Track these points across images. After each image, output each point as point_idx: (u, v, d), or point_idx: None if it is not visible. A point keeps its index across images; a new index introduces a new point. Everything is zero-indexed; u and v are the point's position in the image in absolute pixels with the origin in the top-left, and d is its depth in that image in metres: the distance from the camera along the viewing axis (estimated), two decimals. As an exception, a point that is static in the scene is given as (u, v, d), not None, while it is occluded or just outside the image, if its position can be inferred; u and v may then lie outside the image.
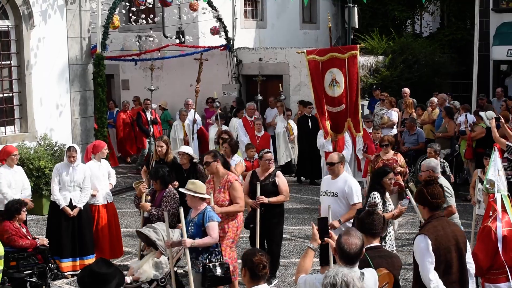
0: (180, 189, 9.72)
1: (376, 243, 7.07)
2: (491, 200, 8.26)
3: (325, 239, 6.86)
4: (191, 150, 12.64)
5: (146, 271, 10.42)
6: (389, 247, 9.88)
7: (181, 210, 9.38)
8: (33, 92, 16.37)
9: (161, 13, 23.10)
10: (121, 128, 21.90)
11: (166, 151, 12.58)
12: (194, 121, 19.64)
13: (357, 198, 10.16)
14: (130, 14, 22.45)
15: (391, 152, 13.67)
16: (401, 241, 13.70)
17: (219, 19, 22.47)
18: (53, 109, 16.95)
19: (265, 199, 10.96)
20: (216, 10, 22.17)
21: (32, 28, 16.22)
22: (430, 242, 7.12)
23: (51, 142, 16.14)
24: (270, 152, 11.74)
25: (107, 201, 13.03)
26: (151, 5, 21.15)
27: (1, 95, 16.08)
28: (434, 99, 19.84)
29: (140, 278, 10.41)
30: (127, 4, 21.15)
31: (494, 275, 7.93)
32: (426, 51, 24.94)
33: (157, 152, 12.68)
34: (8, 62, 16.17)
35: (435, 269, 7.12)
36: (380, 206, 10.05)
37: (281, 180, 11.33)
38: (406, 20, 30.45)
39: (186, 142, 19.30)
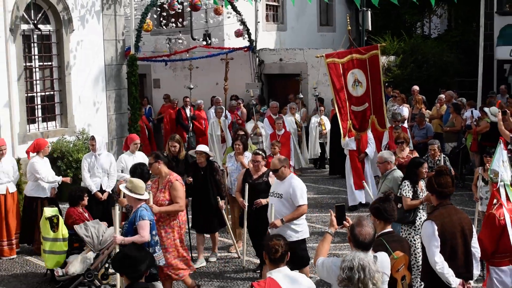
0: (120, 186, 9.26)
1: (389, 228, 7.05)
2: (494, 189, 8.21)
3: (343, 223, 6.89)
4: (207, 148, 12.31)
5: (74, 265, 10.27)
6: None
7: (116, 209, 9.26)
8: (72, 90, 16.45)
9: (190, 17, 23.19)
10: (167, 124, 21.86)
11: (179, 149, 12.62)
12: (225, 117, 19.40)
13: (302, 199, 9.63)
14: (161, 19, 22.57)
15: (407, 149, 13.01)
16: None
17: (243, 23, 22.51)
18: (90, 106, 17.03)
19: (263, 201, 10.38)
20: (240, 14, 22.24)
21: (71, 32, 16.29)
22: (436, 227, 7.15)
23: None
24: (259, 153, 11.10)
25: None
26: (180, 10, 21.23)
27: (43, 94, 16.19)
28: (442, 96, 19.79)
29: (68, 271, 10.25)
30: (158, 9, 21.24)
31: (498, 259, 7.91)
32: (434, 51, 24.87)
33: (170, 151, 12.59)
34: (50, 63, 16.26)
35: (441, 252, 7.15)
36: (409, 194, 9.92)
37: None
38: (416, 22, 30.38)
39: (223, 138, 19.24)
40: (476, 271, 7.48)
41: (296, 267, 8.89)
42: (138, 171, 10.06)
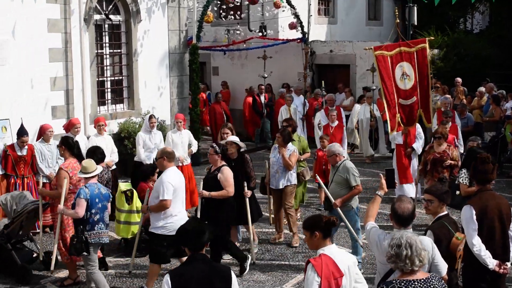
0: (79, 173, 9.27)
1: (445, 211, 7.03)
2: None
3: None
4: (238, 139, 11.15)
5: None
6: None
7: (65, 182, 9.48)
8: (139, 76, 16.62)
9: (247, 10, 23.18)
10: (246, 111, 21.95)
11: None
12: (304, 104, 18.70)
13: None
14: (221, 11, 22.60)
15: (444, 144, 12.24)
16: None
17: (296, 16, 22.43)
18: (155, 90, 17.19)
19: (205, 193, 9.86)
20: (294, 8, 22.16)
21: (139, 22, 16.44)
22: (474, 212, 7.09)
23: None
24: (213, 147, 10.23)
25: (182, 163, 13.47)
26: (238, 3, 21.28)
27: (112, 78, 16.39)
28: (482, 89, 19.54)
29: None
30: (218, 2, 21.31)
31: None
32: (476, 45, 24.55)
33: (222, 138, 11.70)
34: (119, 51, 16.45)
35: (479, 235, 7.08)
36: (466, 181, 9.72)
37: (224, 176, 9.87)
38: (459, 18, 29.96)
39: (296, 123, 18.31)
40: (514, 254, 7.40)
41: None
42: (97, 155, 10.14)
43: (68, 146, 10.12)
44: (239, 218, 10.76)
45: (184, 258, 9.07)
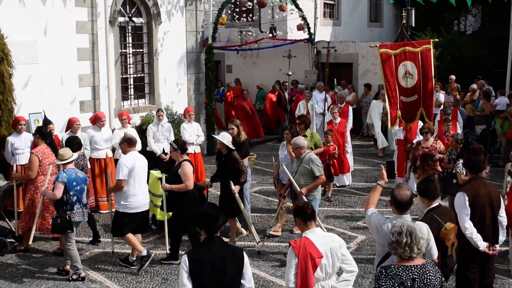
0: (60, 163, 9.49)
1: (436, 203, 6.92)
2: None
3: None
4: (226, 138, 10.52)
5: None
6: None
7: (50, 167, 9.92)
8: (159, 73, 16.62)
9: (258, 13, 23.21)
10: (268, 105, 21.66)
11: (238, 132, 11.37)
12: (325, 99, 17.99)
13: None
14: (234, 14, 22.61)
15: (431, 139, 11.71)
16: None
17: (304, 18, 22.41)
18: (174, 86, 17.19)
19: (167, 186, 9.71)
20: (301, 11, 22.15)
21: (160, 24, 16.42)
22: (467, 198, 7.09)
23: (172, 112, 16.38)
24: (172, 144, 10.04)
25: (194, 151, 13.84)
26: (250, 7, 21.30)
27: (135, 76, 16.40)
28: (474, 85, 19.48)
29: None
30: (232, 6, 21.30)
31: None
32: (469, 46, 24.50)
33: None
34: (141, 50, 16.44)
35: (471, 220, 7.09)
36: (463, 171, 9.64)
37: (183, 171, 9.64)
38: (453, 20, 29.83)
39: (309, 120, 17.72)
40: (502, 237, 7.38)
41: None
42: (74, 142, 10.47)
43: (42, 135, 10.56)
44: (230, 211, 10.33)
45: (139, 235, 9.96)
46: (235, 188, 10.29)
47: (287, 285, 5.96)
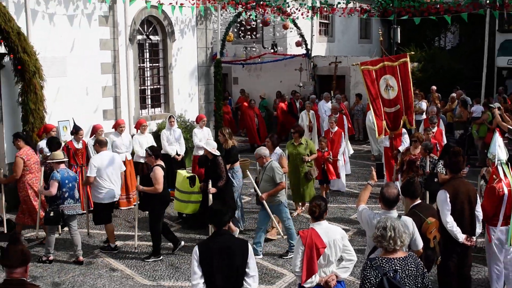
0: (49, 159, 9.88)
1: (418, 201, 6.88)
2: (493, 167, 8.01)
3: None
4: (210, 146, 10.33)
5: None
6: None
7: (42, 169, 10.17)
8: (173, 85, 16.63)
9: (261, 31, 23.22)
10: (280, 114, 21.33)
11: (225, 140, 11.22)
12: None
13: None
14: (240, 32, 22.62)
15: (420, 147, 11.13)
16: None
17: (302, 36, 22.40)
18: (186, 96, 17.20)
19: (140, 187, 9.67)
20: (299, 29, 22.13)
21: (174, 41, 16.44)
22: (448, 195, 7.11)
23: (185, 120, 16.39)
24: (147, 150, 9.90)
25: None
26: (254, 25, 21.32)
27: (152, 87, 16.41)
28: (454, 95, 19.45)
29: None
30: (238, 25, 21.32)
31: (496, 221, 7.74)
32: (448, 60, 24.47)
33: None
34: (157, 64, 16.46)
35: (451, 215, 7.09)
36: (443, 171, 9.61)
37: (154, 175, 9.49)
38: (434, 37, 29.80)
39: (310, 128, 17.08)
40: (478, 229, 7.38)
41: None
42: (53, 142, 10.63)
43: (22, 138, 10.60)
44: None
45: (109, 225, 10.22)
46: (211, 189, 10.03)
47: (294, 269, 6.02)
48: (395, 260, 4.98)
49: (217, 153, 10.27)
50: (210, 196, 10.03)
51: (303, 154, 11.72)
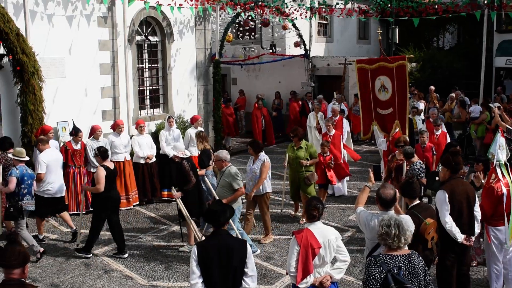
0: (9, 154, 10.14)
1: (417, 201, 6.92)
2: (492, 167, 8.01)
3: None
4: (176, 150, 10.39)
5: None
6: None
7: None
8: (172, 85, 16.60)
9: (260, 32, 23.18)
10: (292, 114, 21.39)
11: (197, 143, 11.51)
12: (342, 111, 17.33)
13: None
14: (239, 32, 22.61)
15: None
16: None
17: (300, 36, 22.37)
18: (185, 97, 17.17)
19: (84, 186, 10.38)
20: (298, 29, 22.11)
21: (172, 42, 16.42)
22: (447, 195, 7.09)
23: (183, 120, 16.36)
24: (95, 150, 10.15)
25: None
26: (253, 26, 21.30)
27: (151, 88, 16.39)
28: (453, 95, 19.44)
29: None
30: (237, 25, 21.30)
31: (495, 221, 7.75)
32: (447, 60, 24.46)
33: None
34: (156, 65, 16.43)
35: (450, 215, 7.07)
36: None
37: (96, 175, 9.63)
38: (433, 37, 29.81)
39: (319, 130, 16.58)
40: (477, 229, 7.36)
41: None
42: (5, 142, 10.70)
43: None
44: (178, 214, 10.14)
45: (63, 213, 10.90)
46: (176, 194, 9.86)
47: (288, 270, 5.96)
48: (399, 257, 5.00)
49: (186, 155, 10.17)
50: (178, 201, 9.83)
51: (302, 158, 11.37)
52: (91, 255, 9.93)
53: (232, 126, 20.89)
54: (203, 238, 9.69)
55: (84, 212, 11.14)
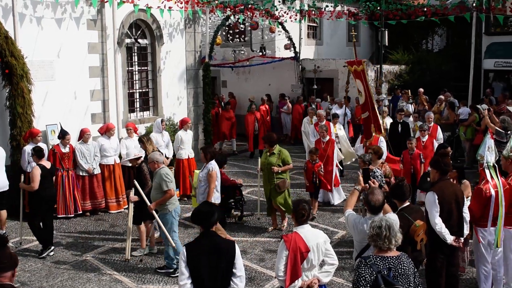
0: None
1: (406, 203, 6.96)
2: (481, 169, 8.05)
3: (368, 182, 6.97)
4: (129, 156, 10.50)
5: None
6: None
7: None
8: (162, 88, 16.58)
9: (250, 35, 23.20)
10: (296, 116, 21.39)
11: (145, 147, 11.07)
12: (345, 114, 17.07)
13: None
14: (228, 35, 22.61)
15: (378, 161, 10.08)
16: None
17: (290, 39, 22.41)
18: (175, 100, 17.15)
19: (21, 185, 10.40)
20: (288, 32, 22.15)
21: (162, 45, 16.39)
22: (436, 197, 7.11)
23: (173, 123, 16.34)
24: (31, 150, 10.35)
25: (188, 156, 13.86)
26: (243, 29, 21.30)
27: (140, 90, 16.35)
28: (441, 97, 19.50)
29: None
30: (226, 28, 21.29)
31: (483, 222, 7.78)
32: (436, 62, 24.57)
33: None
34: (146, 68, 16.40)
35: (440, 216, 7.09)
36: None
37: (31, 173, 9.88)
38: (422, 39, 29.92)
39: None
40: (466, 231, 7.40)
41: None
42: None
43: None
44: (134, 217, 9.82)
45: (2, 211, 10.70)
46: (133, 197, 9.57)
47: (277, 274, 5.92)
48: (389, 259, 5.01)
49: (140, 155, 10.13)
50: (131, 205, 9.63)
51: (273, 165, 10.94)
52: (52, 247, 10.17)
53: (230, 130, 20.65)
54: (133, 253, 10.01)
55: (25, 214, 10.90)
